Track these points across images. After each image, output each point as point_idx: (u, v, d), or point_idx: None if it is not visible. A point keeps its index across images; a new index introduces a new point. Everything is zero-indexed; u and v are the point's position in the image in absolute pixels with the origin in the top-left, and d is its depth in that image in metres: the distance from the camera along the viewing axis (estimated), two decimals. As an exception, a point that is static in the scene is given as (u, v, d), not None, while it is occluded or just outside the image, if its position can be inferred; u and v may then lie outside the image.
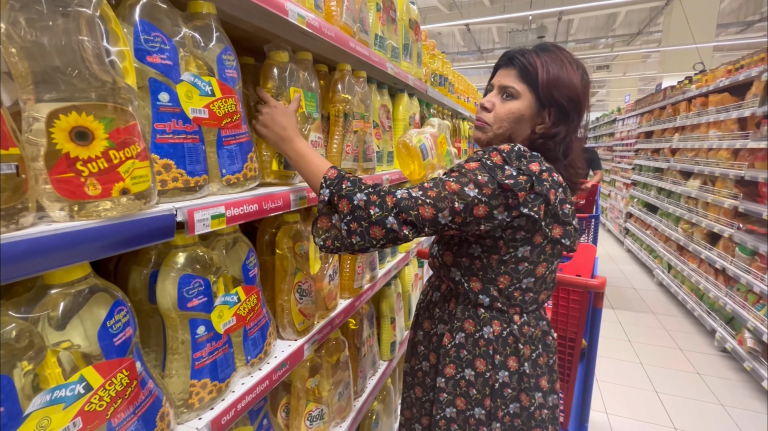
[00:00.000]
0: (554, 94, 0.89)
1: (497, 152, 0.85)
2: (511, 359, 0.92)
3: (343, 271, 1.35)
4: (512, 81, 0.92)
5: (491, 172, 0.82)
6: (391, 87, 1.85)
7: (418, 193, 0.80)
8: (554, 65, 0.89)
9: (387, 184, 1.55)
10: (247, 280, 0.86)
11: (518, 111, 0.91)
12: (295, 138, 0.87)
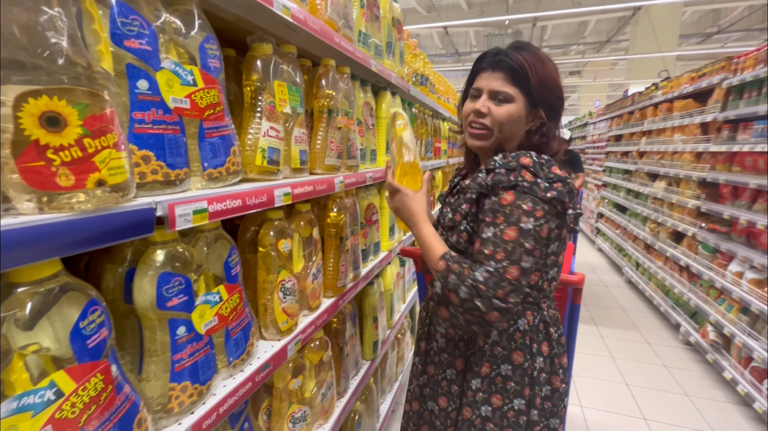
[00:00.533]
0: (545, 94, 0.92)
1: (524, 169, 0.85)
2: (544, 344, 0.95)
3: (326, 270, 1.33)
4: (502, 85, 0.92)
5: (531, 193, 0.83)
6: (374, 85, 1.84)
7: (494, 265, 0.81)
8: (539, 65, 0.91)
9: (370, 181, 1.54)
10: (229, 279, 0.83)
11: (516, 113, 0.92)
12: (421, 223, 0.95)
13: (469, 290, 0.80)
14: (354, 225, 1.47)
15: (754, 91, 2.63)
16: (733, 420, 2.33)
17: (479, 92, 0.96)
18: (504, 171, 0.86)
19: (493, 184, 0.87)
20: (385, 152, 1.79)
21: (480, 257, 0.83)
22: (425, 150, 2.68)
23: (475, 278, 0.80)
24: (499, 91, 0.92)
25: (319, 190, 1.15)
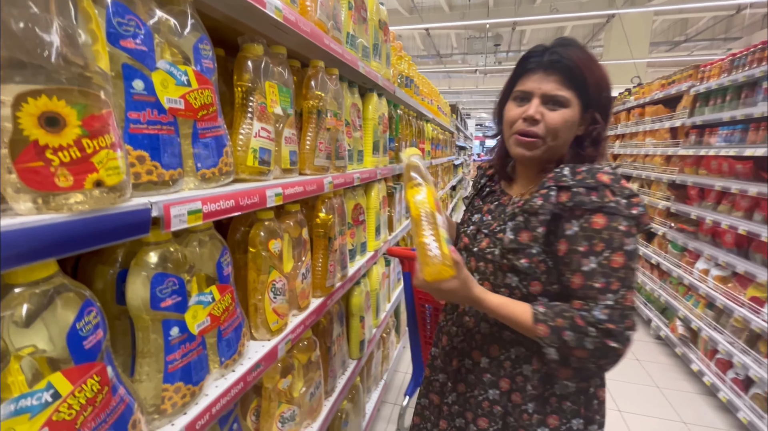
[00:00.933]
0: (600, 96, 0.84)
1: (606, 188, 0.77)
2: None
3: (315, 270, 1.33)
4: (557, 88, 0.83)
5: (619, 213, 0.75)
6: (360, 86, 1.86)
7: (612, 297, 0.74)
8: (593, 65, 0.83)
9: (358, 182, 1.56)
10: (221, 279, 0.83)
11: (571, 119, 0.83)
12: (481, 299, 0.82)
13: (597, 337, 0.73)
14: (342, 225, 1.48)
15: (719, 98, 2.78)
16: (700, 410, 2.46)
17: (528, 96, 0.86)
18: (584, 190, 0.77)
19: (573, 205, 0.77)
20: (371, 153, 1.81)
21: (591, 293, 0.75)
22: (410, 151, 2.71)
23: (598, 319, 0.73)
24: (554, 95, 0.83)
25: (309, 191, 1.15)
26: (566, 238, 0.78)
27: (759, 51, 2.38)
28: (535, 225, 0.81)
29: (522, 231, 0.83)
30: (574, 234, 0.77)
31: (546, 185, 0.82)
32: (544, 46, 0.87)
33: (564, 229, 0.79)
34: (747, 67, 2.47)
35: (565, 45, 0.84)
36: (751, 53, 2.45)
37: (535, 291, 0.84)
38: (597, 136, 0.86)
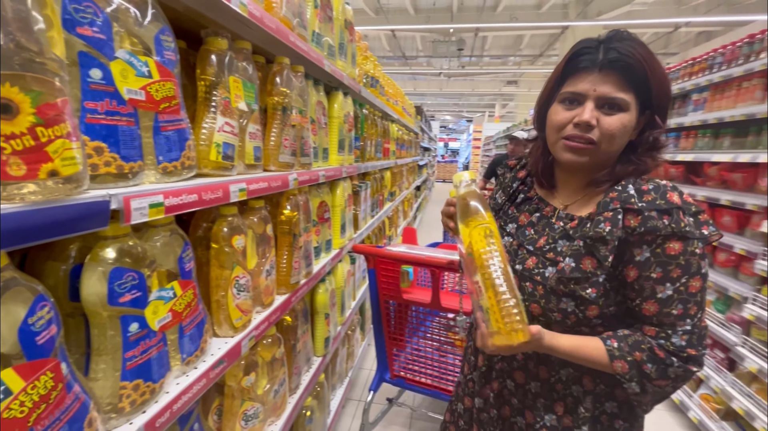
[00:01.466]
0: (663, 97, 0.76)
1: (679, 211, 0.71)
2: None
3: (279, 266, 1.33)
4: (616, 90, 0.74)
5: (692, 236, 0.71)
6: (326, 84, 1.86)
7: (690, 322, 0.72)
8: (654, 62, 0.74)
9: (323, 179, 1.57)
10: (183, 275, 0.82)
11: (630, 124, 0.76)
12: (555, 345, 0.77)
13: (680, 365, 0.72)
14: (307, 222, 1.49)
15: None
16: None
17: (580, 98, 0.77)
18: (656, 214, 0.71)
19: (646, 231, 0.72)
20: (337, 151, 1.82)
21: (668, 320, 0.73)
22: (375, 150, 2.74)
23: (678, 347, 0.72)
24: (613, 98, 0.74)
25: (274, 187, 1.15)
26: (636, 265, 0.73)
27: (689, 66, 2.64)
28: (604, 255, 0.74)
29: (585, 259, 0.76)
30: (645, 260, 0.73)
31: (611, 207, 0.75)
32: (597, 40, 0.77)
33: (633, 255, 0.74)
34: (679, 80, 2.73)
35: (622, 39, 0.75)
36: (683, 68, 2.71)
37: (592, 315, 0.79)
38: (654, 141, 0.78)
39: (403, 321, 1.71)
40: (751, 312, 1.91)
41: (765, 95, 2.02)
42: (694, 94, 2.57)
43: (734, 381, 2.01)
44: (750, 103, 2.09)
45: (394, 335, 1.72)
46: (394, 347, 1.73)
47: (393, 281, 1.57)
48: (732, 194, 2.13)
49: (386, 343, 1.73)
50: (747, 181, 2.10)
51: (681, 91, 2.67)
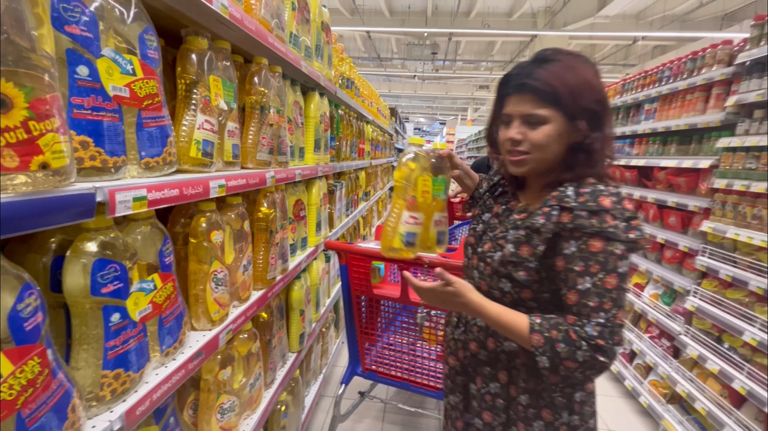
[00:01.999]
0: (581, 102, 0.84)
1: (607, 214, 0.79)
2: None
3: (256, 262, 1.35)
4: (532, 107, 0.85)
5: (616, 238, 0.78)
6: (302, 85, 1.90)
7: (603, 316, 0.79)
8: (568, 73, 0.84)
9: (299, 177, 1.60)
10: (163, 268, 0.84)
11: (555, 132, 0.85)
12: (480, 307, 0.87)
13: (588, 350, 0.78)
14: (283, 220, 1.52)
15: (615, 115, 3.27)
16: (599, 383, 2.86)
17: (509, 118, 0.90)
18: (585, 214, 0.80)
19: (573, 228, 0.80)
20: (313, 150, 1.86)
21: (584, 310, 0.80)
22: (350, 151, 2.79)
23: (589, 335, 0.78)
24: (531, 114, 0.85)
25: (252, 184, 1.18)
26: (564, 257, 0.82)
27: (642, 78, 2.85)
28: (536, 243, 0.85)
29: (523, 246, 0.87)
30: (571, 254, 0.81)
31: (549, 204, 0.84)
32: (521, 65, 0.89)
33: (562, 248, 0.82)
34: (634, 91, 2.94)
35: (540, 60, 0.87)
36: (637, 80, 2.93)
37: (526, 297, 0.89)
38: (588, 145, 0.85)
39: (374, 316, 1.77)
40: (692, 304, 2.10)
41: (705, 107, 2.23)
42: (646, 104, 2.78)
43: (678, 367, 2.20)
44: (692, 114, 2.29)
45: (365, 329, 1.77)
46: (365, 341, 1.78)
47: (364, 277, 1.62)
48: (677, 196, 2.33)
49: (358, 337, 1.78)
50: (690, 185, 2.30)
51: (635, 101, 2.89)
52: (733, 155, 1.94)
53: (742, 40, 2.02)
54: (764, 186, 1.71)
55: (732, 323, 1.84)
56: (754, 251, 1.85)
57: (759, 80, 1.83)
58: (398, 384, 1.78)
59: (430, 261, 1.32)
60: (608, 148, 0.89)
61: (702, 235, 2.15)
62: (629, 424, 2.41)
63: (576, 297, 0.81)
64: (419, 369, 1.73)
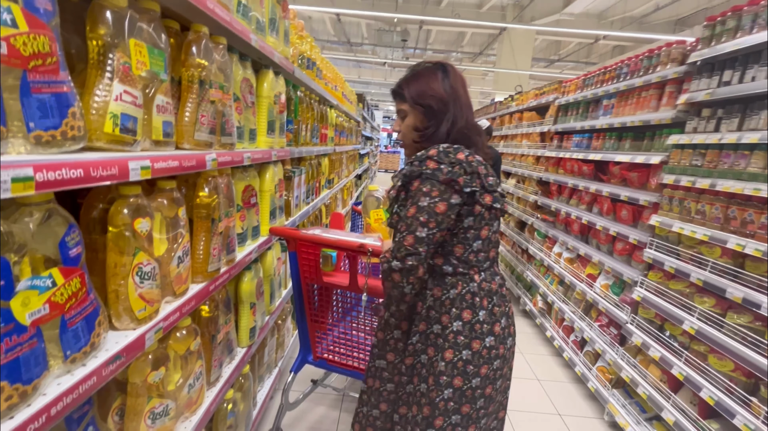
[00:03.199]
0: (419, 100, 1.15)
1: (429, 159, 1.06)
2: (466, 311, 1.10)
3: (195, 253, 1.24)
4: (398, 105, 1.22)
5: (432, 178, 1.04)
6: (255, 62, 1.75)
7: (398, 236, 1.05)
8: (412, 80, 1.18)
9: (248, 161, 1.48)
10: (66, 261, 0.72)
11: (412, 123, 1.19)
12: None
13: (383, 263, 1.07)
14: (229, 207, 1.40)
15: (575, 110, 3.34)
16: (550, 368, 2.98)
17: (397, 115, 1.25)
18: (417, 163, 1.07)
19: (407, 173, 1.08)
20: (266, 133, 1.73)
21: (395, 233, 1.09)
22: (311, 135, 2.66)
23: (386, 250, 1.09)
24: (398, 110, 1.22)
25: (187, 167, 1.06)
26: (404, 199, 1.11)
27: (601, 74, 2.92)
28: (393, 193, 1.13)
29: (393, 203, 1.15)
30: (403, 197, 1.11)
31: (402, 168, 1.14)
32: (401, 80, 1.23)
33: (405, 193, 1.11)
34: (593, 86, 3.00)
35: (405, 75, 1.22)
36: (597, 75, 2.99)
37: None
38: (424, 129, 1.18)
39: (326, 304, 1.70)
40: (639, 294, 2.19)
41: (658, 105, 2.31)
42: (605, 99, 2.85)
43: (624, 354, 2.30)
44: (647, 111, 2.37)
45: (317, 317, 1.71)
46: (316, 329, 1.72)
47: (314, 264, 1.55)
48: (629, 191, 2.41)
49: (308, 325, 1.71)
50: (641, 180, 2.39)
51: (594, 96, 2.95)
52: (682, 152, 2.02)
53: (695, 40, 2.09)
54: (708, 182, 1.78)
55: (673, 312, 1.94)
56: (696, 244, 1.94)
57: (708, 80, 1.89)
58: (349, 372, 1.74)
59: (373, 248, 1.35)
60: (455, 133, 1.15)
61: (650, 229, 2.24)
62: (577, 408, 2.52)
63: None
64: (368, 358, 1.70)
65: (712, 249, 1.82)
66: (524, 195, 4.21)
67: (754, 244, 1.55)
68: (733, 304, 1.73)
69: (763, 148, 1.60)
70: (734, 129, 1.75)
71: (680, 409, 1.86)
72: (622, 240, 2.50)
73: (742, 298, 1.58)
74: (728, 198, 1.75)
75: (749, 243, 1.57)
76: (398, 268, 1.02)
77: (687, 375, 1.81)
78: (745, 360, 1.54)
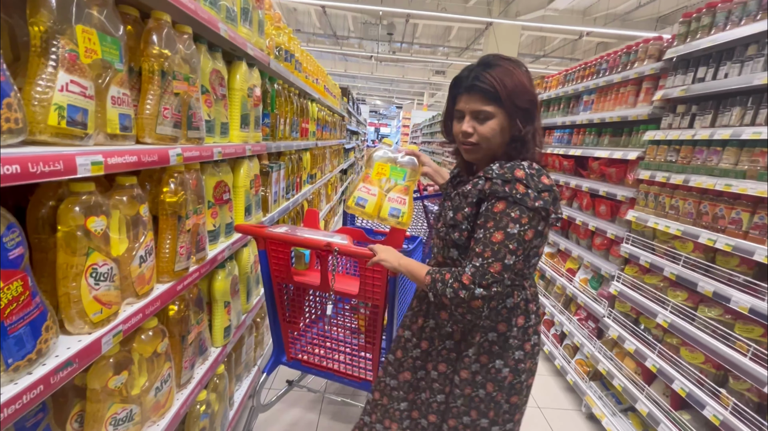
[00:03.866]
0: (516, 102, 1.03)
1: (518, 182, 0.98)
2: (520, 317, 1.12)
3: (161, 252, 1.19)
4: (481, 105, 1.04)
5: (520, 203, 0.97)
6: (228, 53, 1.69)
7: (479, 261, 0.98)
8: (507, 78, 1.02)
9: (219, 156, 1.43)
10: (5, 263, 0.67)
11: (498, 126, 1.05)
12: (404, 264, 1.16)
13: (454, 289, 1.00)
14: (198, 203, 1.35)
15: (556, 106, 3.36)
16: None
17: (461, 114, 1.09)
18: (501, 182, 0.99)
19: (490, 193, 1.00)
20: (239, 127, 1.68)
21: (470, 254, 1.00)
22: (290, 129, 2.61)
23: (460, 274, 1.00)
24: (479, 111, 1.05)
25: (147, 162, 1.01)
26: (480, 215, 1.02)
27: (582, 70, 2.93)
28: (464, 206, 1.06)
29: (458, 212, 1.07)
30: (482, 212, 1.02)
31: (478, 175, 1.06)
32: (468, 68, 1.08)
33: (482, 209, 1.03)
34: (574, 82, 3.02)
35: (483, 65, 1.06)
36: (577, 71, 3.00)
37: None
38: (523, 136, 1.06)
39: (299, 304, 1.67)
40: (616, 288, 2.23)
41: (636, 100, 2.33)
42: (585, 95, 2.87)
43: (601, 347, 2.34)
44: (624, 107, 2.39)
45: (290, 318, 1.68)
46: (289, 329, 1.69)
47: (283, 262, 1.52)
48: (608, 186, 2.44)
49: (281, 325, 1.68)
50: (619, 175, 2.41)
51: (575, 92, 2.97)
52: (657, 148, 2.04)
53: (671, 37, 2.11)
54: (682, 178, 1.81)
55: (648, 306, 1.97)
56: (669, 239, 1.97)
57: (683, 76, 1.91)
58: (323, 373, 1.72)
59: (339, 248, 1.33)
60: (538, 138, 1.09)
61: (627, 224, 2.27)
62: (556, 400, 2.56)
63: (472, 243, 1.03)
64: (344, 359, 1.68)
65: (685, 244, 1.85)
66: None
67: (724, 239, 1.57)
68: (704, 298, 1.77)
69: (735, 144, 1.62)
70: (707, 125, 1.77)
71: (653, 401, 1.90)
72: (600, 235, 2.54)
73: (712, 292, 1.61)
74: (701, 193, 1.78)
75: (720, 237, 1.60)
76: (481, 296, 0.97)
77: (660, 367, 1.84)
78: (715, 352, 1.58)
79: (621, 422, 2.12)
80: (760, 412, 1.43)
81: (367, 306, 1.59)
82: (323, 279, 1.50)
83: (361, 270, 1.46)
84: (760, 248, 1.43)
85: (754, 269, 1.56)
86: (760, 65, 1.54)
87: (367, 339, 1.61)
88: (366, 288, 1.48)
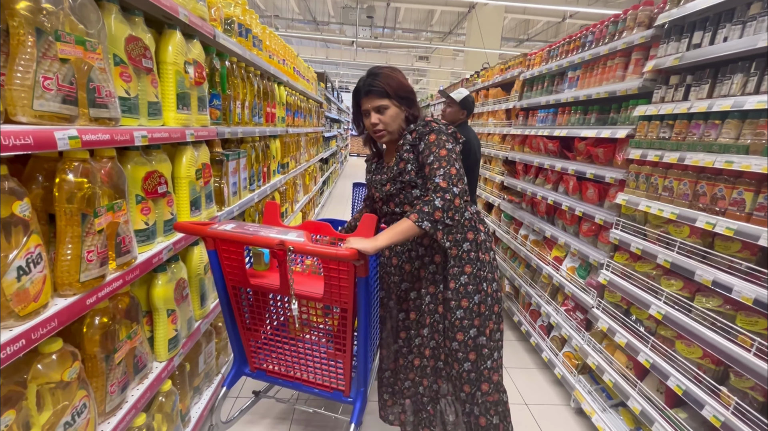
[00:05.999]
0: (400, 94, 1.43)
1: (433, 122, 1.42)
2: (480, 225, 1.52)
3: (60, 259, 0.97)
4: (378, 101, 1.42)
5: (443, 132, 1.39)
6: (159, 21, 1.45)
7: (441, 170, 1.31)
8: (390, 79, 1.41)
9: (144, 142, 1.20)
10: None
11: (395, 113, 1.44)
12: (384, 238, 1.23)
13: (439, 198, 1.26)
14: (115, 198, 1.13)
15: (540, 84, 3.17)
16: (518, 355, 2.88)
17: (368, 111, 1.45)
18: (422, 126, 1.41)
19: (419, 136, 1.40)
20: (175, 108, 1.44)
21: (431, 171, 1.32)
22: (251, 114, 2.36)
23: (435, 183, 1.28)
24: (379, 106, 1.42)
25: (20, 146, 0.78)
26: (420, 152, 1.39)
27: (566, 44, 2.74)
28: (405, 155, 1.42)
29: (401, 163, 1.43)
30: (421, 149, 1.39)
31: (403, 136, 1.45)
32: (362, 79, 1.45)
33: (419, 148, 1.40)
34: (558, 57, 2.83)
35: (372, 75, 1.43)
36: (561, 45, 2.81)
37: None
38: (409, 116, 1.48)
39: (261, 309, 1.47)
40: (605, 277, 2.08)
41: (624, 74, 2.15)
42: (570, 71, 2.68)
43: (590, 339, 2.20)
44: (612, 81, 2.21)
45: (250, 325, 1.47)
46: (250, 337, 1.49)
47: (237, 263, 1.31)
48: (595, 168, 2.27)
49: (240, 333, 1.48)
50: (607, 156, 2.25)
51: (559, 68, 2.78)
52: (648, 124, 1.87)
53: (662, 1, 1.92)
54: (676, 156, 1.64)
55: (639, 296, 1.83)
56: (663, 224, 1.82)
57: (677, 43, 1.74)
58: (291, 384, 1.53)
59: (294, 246, 1.13)
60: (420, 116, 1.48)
61: (616, 208, 2.11)
62: (544, 394, 2.43)
63: (427, 168, 1.35)
64: (314, 368, 1.49)
65: (680, 229, 1.70)
66: (491, 175, 4.06)
67: (725, 222, 1.42)
68: (701, 287, 1.62)
69: (736, 115, 1.46)
70: (704, 96, 1.60)
71: (647, 397, 1.77)
72: (587, 220, 2.38)
73: (711, 281, 1.46)
74: (697, 172, 1.62)
75: (719, 221, 1.44)
76: (459, 191, 1.28)
77: (653, 362, 1.70)
78: (714, 347, 1.43)
79: (612, 418, 1.99)
80: (766, 413, 1.30)
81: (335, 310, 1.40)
82: (282, 282, 1.29)
83: (325, 271, 1.26)
84: (765, 231, 1.28)
85: (758, 255, 1.41)
86: (765, 25, 1.37)
87: (336, 345, 1.42)
88: (332, 290, 1.28)
